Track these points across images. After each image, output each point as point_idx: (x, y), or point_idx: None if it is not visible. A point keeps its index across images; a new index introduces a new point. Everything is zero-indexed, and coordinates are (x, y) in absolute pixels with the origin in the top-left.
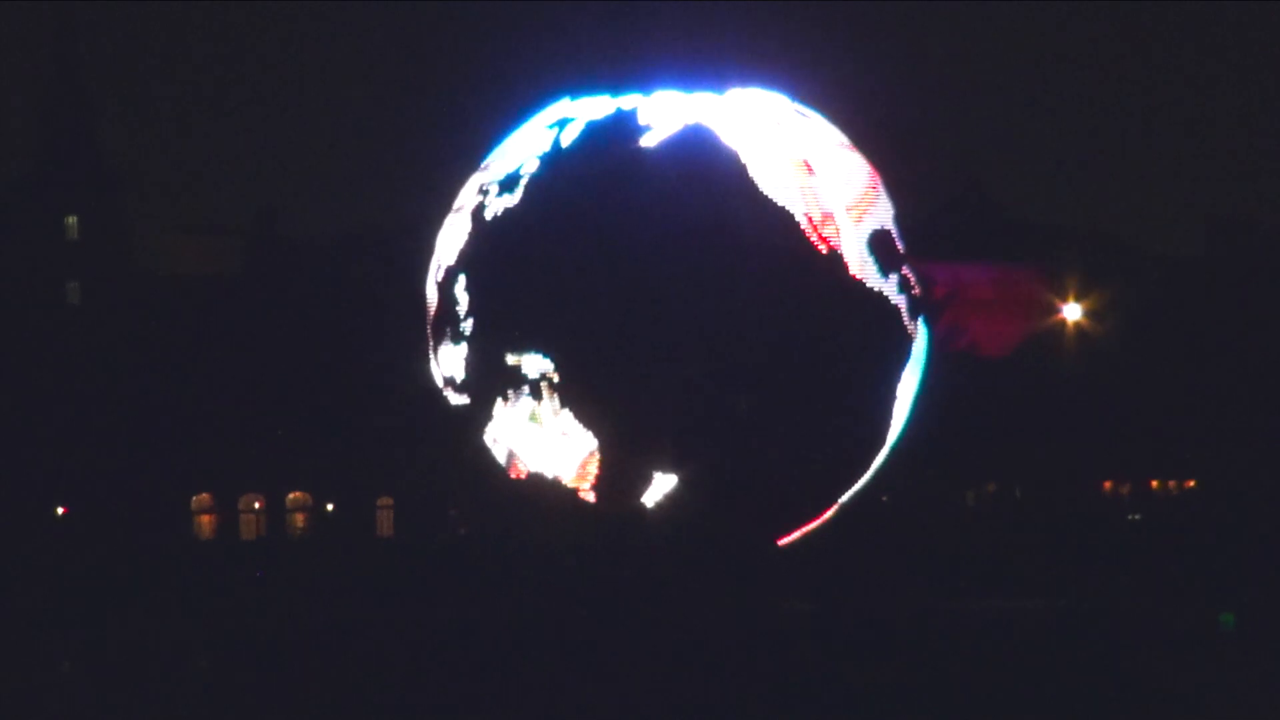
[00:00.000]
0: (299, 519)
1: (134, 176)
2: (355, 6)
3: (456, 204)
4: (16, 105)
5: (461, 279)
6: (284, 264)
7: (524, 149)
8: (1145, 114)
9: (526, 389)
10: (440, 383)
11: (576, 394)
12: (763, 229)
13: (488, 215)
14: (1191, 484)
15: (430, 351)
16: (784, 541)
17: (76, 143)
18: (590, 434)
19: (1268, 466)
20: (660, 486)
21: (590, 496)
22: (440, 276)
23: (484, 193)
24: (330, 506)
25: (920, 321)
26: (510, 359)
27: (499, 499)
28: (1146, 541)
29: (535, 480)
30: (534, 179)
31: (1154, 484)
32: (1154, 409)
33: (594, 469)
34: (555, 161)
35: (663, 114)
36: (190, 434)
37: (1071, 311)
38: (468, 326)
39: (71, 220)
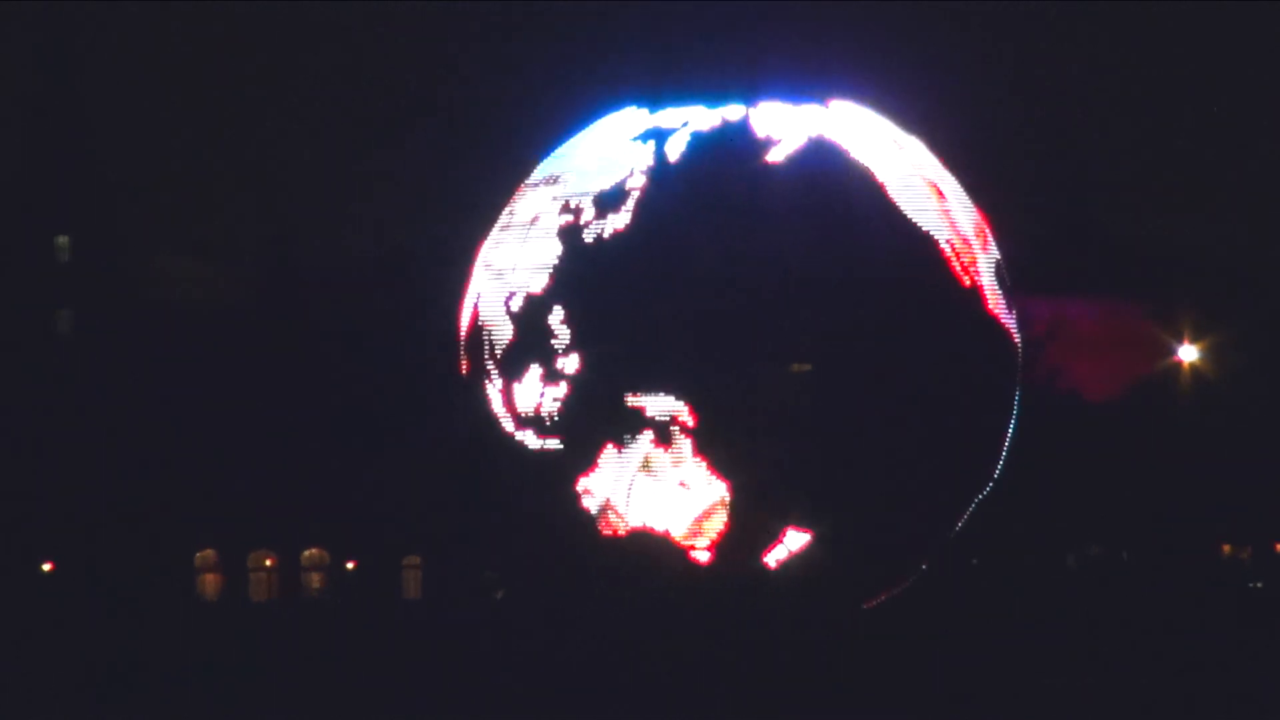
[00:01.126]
0: (315, 579)
1: (133, 191)
2: (373, 10)
3: (503, 220)
4: (2, 111)
5: (558, 309)
6: (299, 291)
7: (595, 162)
8: (1273, 135)
9: (650, 433)
10: (509, 425)
11: (713, 439)
12: (906, 258)
13: (587, 237)
14: None
15: (488, 389)
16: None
17: (68, 153)
18: (714, 485)
19: None
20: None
21: (703, 555)
22: (517, 305)
23: (574, 211)
24: (350, 565)
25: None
26: (633, 400)
27: (588, 557)
28: (1270, 613)
29: (638, 537)
30: (646, 197)
31: (1279, 547)
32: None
33: (716, 524)
34: (666, 178)
35: (774, 127)
36: (193, 482)
37: (1188, 353)
38: (569, 363)
39: (62, 240)
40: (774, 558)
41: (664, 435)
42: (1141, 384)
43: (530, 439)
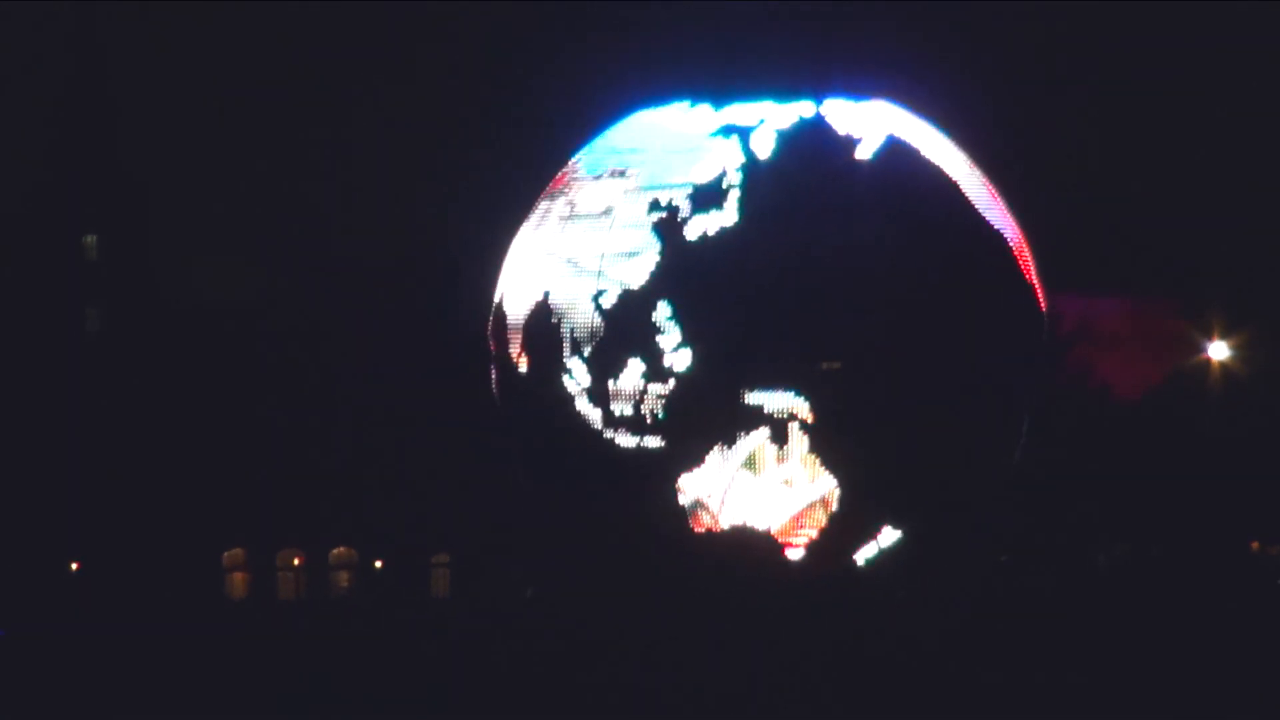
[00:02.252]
0: (343, 577)
1: (162, 191)
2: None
3: (560, 210)
4: (32, 110)
5: (661, 305)
6: (327, 290)
7: (666, 156)
8: None
9: (766, 430)
10: (595, 418)
11: (828, 436)
12: (986, 257)
13: (690, 234)
14: None
15: (566, 384)
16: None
17: (97, 153)
18: (816, 484)
19: None
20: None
21: (798, 554)
22: (610, 302)
23: (667, 208)
24: (378, 564)
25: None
26: (750, 397)
27: (682, 553)
28: None
29: (737, 532)
30: (748, 194)
31: None
32: None
33: (817, 521)
34: (763, 175)
35: (848, 124)
36: (222, 481)
37: (1217, 350)
38: (679, 360)
39: (90, 240)
40: (863, 555)
41: (780, 432)
42: (1171, 381)
43: (625, 438)
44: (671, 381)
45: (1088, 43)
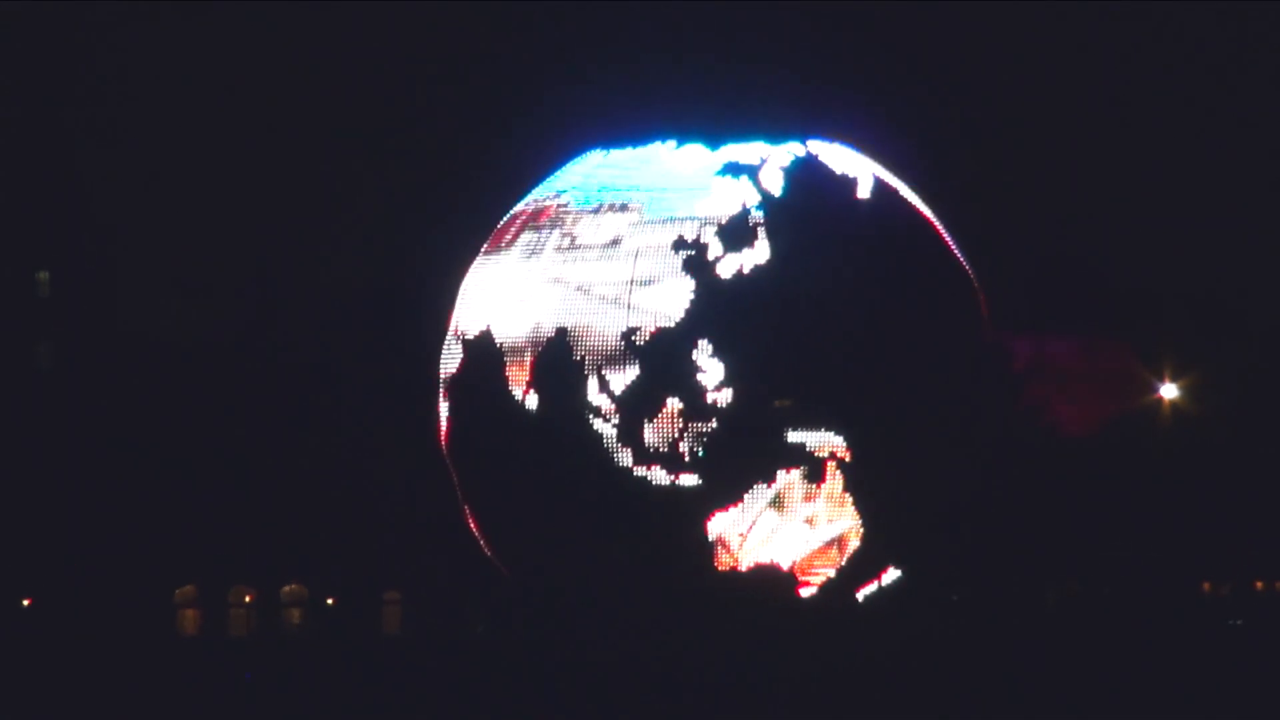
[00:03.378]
0: (294, 614)
1: (117, 224)
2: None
3: (556, 242)
4: None
5: (704, 344)
6: (281, 326)
7: (670, 194)
8: (1254, 162)
9: (801, 468)
10: (623, 456)
11: (863, 475)
12: (965, 294)
13: (722, 271)
14: None
15: (595, 423)
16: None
17: (49, 183)
18: (834, 524)
19: None
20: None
21: (809, 591)
22: (643, 338)
23: (692, 246)
24: (330, 601)
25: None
26: (793, 435)
27: (705, 590)
28: (1250, 650)
29: (757, 571)
30: (774, 231)
31: (1259, 585)
32: (1260, 500)
33: (833, 560)
34: (781, 212)
35: (840, 165)
36: (174, 518)
37: (1169, 390)
38: (723, 397)
39: (43, 276)
40: (864, 593)
41: (817, 471)
42: (1122, 420)
43: (659, 475)
44: (714, 419)
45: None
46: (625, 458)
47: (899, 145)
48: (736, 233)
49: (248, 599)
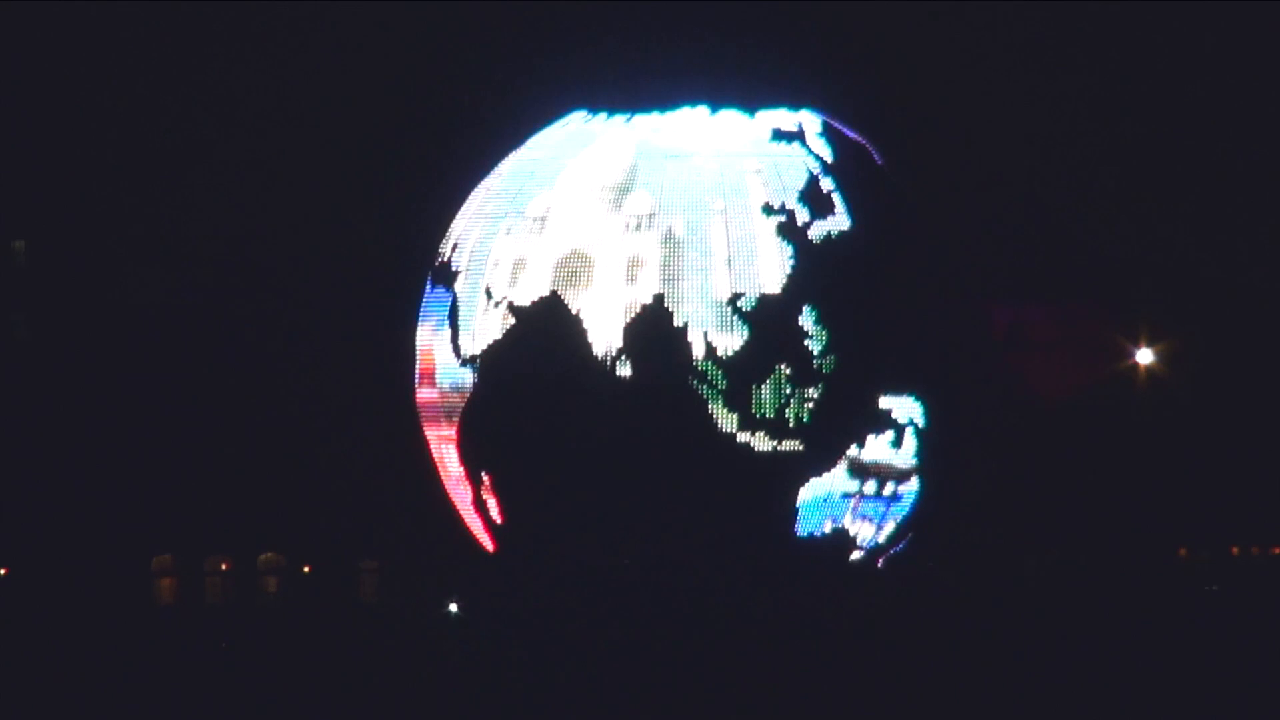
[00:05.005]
0: (270, 583)
1: (94, 192)
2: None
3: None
4: None
5: (807, 310)
6: (258, 292)
7: (718, 159)
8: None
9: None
10: (728, 422)
11: (936, 441)
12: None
13: (813, 234)
14: (1278, 550)
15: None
16: None
17: (25, 151)
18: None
19: None
20: None
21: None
22: (750, 305)
23: (779, 211)
24: (306, 569)
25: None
26: (884, 401)
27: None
28: (1227, 615)
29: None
30: (850, 197)
31: (1235, 550)
32: (1237, 466)
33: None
34: (843, 177)
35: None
36: (151, 486)
37: (1145, 355)
38: (828, 363)
39: (19, 244)
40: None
41: (901, 436)
42: (1098, 388)
43: (761, 441)
44: (818, 385)
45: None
46: (730, 423)
47: (867, 115)
48: (816, 199)
49: (224, 567)
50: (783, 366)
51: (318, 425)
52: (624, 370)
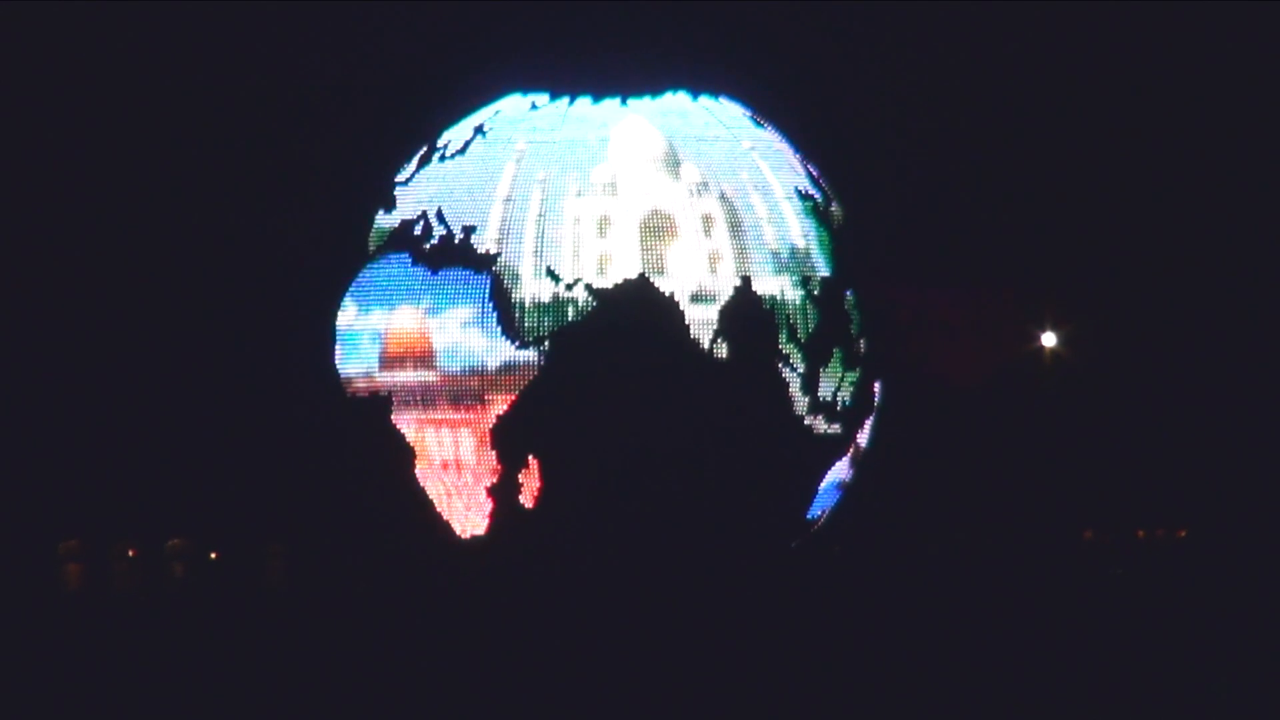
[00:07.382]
0: (178, 568)
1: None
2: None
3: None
4: None
5: (848, 294)
6: (166, 275)
7: (720, 143)
8: (1140, 110)
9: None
10: (801, 405)
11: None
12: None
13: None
14: (1183, 534)
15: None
16: None
17: None
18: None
19: (1269, 513)
20: None
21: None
22: (812, 289)
23: (806, 196)
24: (214, 555)
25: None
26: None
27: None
28: (1131, 599)
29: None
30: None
31: (1140, 533)
32: (1141, 448)
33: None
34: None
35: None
36: (54, 468)
37: (1049, 339)
38: (862, 347)
39: None
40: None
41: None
42: (1001, 370)
43: (820, 424)
44: (859, 368)
45: (921, 37)
46: (802, 406)
47: (768, 95)
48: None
49: (130, 554)
50: (837, 350)
51: (227, 407)
52: (720, 351)
